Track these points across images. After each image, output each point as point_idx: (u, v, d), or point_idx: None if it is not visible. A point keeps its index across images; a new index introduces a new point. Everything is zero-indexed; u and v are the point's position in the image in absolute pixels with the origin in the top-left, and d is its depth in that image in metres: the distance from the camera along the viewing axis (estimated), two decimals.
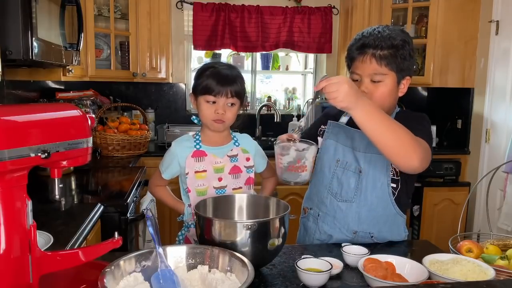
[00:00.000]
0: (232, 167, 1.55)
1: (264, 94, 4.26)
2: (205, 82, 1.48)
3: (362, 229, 1.50)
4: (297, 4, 3.72)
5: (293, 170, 1.36)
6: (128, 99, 3.55)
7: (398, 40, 1.40)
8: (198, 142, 1.55)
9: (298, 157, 1.36)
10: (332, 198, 1.53)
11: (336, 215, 1.52)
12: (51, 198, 1.88)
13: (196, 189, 1.52)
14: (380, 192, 1.47)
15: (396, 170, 1.47)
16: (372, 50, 1.40)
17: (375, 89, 1.42)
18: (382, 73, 1.41)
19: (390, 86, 1.43)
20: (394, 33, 1.41)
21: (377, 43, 1.39)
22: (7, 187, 0.83)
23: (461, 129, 3.52)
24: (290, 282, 1.17)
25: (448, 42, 3.30)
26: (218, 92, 1.47)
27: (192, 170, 1.51)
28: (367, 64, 1.41)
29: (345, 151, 1.52)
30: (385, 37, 1.39)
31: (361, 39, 1.43)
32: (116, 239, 1.00)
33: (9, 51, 1.61)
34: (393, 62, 1.40)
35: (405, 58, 1.42)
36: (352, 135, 1.51)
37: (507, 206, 2.76)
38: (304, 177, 1.38)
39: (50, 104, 2.31)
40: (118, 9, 3.34)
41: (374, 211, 1.48)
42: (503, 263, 1.22)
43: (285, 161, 1.36)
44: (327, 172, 1.55)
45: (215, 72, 1.49)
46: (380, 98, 1.42)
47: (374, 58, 1.40)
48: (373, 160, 1.46)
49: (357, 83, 1.45)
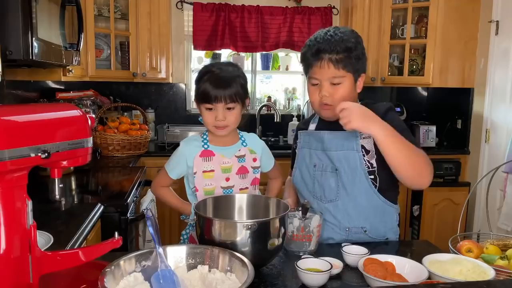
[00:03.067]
0: (239, 167, 1.55)
1: (264, 94, 4.26)
2: (202, 88, 1.47)
3: (354, 225, 1.52)
4: (297, 4, 3.72)
5: (298, 240, 1.37)
6: (128, 99, 3.56)
7: (351, 42, 1.44)
8: (206, 142, 1.55)
9: (301, 225, 1.36)
10: (318, 201, 1.56)
11: (326, 217, 1.54)
12: (51, 198, 1.88)
13: (204, 189, 1.52)
14: (360, 186, 1.49)
15: (370, 162, 1.49)
16: (328, 55, 1.43)
17: (335, 92, 1.46)
18: (341, 75, 1.45)
19: (348, 86, 1.47)
20: (345, 35, 1.45)
21: (332, 47, 1.43)
22: (7, 187, 0.83)
23: (461, 129, 3.52)
24: (290, 282, 1.17)
25: (448, 42, 3.30)
26: (215, 99, 1.45)
27: (200, 169, 1.51)
28: (325, 69, 1.45)
29: (318, 155, 1.56)
30: (338, 41, 1.43)
31: (315, 45, 1.46)
32: (116, 239, 1.00)
33: (9, 51, 1.61)
34: (349, 64, 1.44)
35: (359, 58, 1.47)
36: (321, 138, 1.54)
37: (507, 206, 2.76)
38: (310, 246, 1.38)
39: (50, 104, 2.31)
40: (118, 9, 3.34)
41: (360, 205, 1.51)
42: (503, 263, 1.22)
43: (289, 230, 1.35)
44: (308, 179, 1.58)
45: (211, 77, 1.47)
46: (341, 99, 1.45)
47: (331, 63, 1.43)
48: (345, 157, 1.49)
49: (317, 87, 1.49)
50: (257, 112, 3.85)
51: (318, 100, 1.49)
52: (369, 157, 1.49)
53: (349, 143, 1.49)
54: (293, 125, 3.77)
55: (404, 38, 3.47)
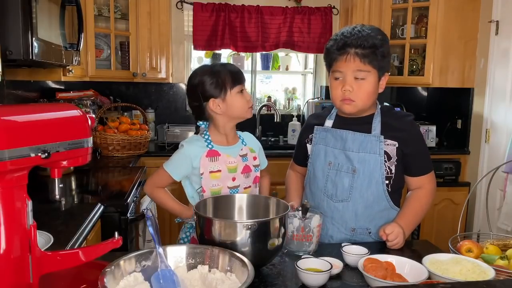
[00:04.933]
0: (244, 166, 1.56)
1: (264, 94, 4.26)
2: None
3: (360, 226, 1.53)
4: (297, 4, 3.72)
5: (298, 240, 1.37)
6: (128, 99, 3.56)
7: (378, 39, 1.46)
8: (210, 142, 1.54)
9: (301, 225, 1.36)
10: (328, 200, 1.56)
11: (333, 216, 1.54)
12: (51, 198, 1.88)
13: (211, 189, 1.51)
14: (375, 189, 1.51)
15: (390, 168, 1.51)
16: (354, 49, 1.44)
17: (358, 87, 1.47)
18: (365, 70, 1.46)
19: (372, 83, 1.48)
20: (373, 32, 1.47)
21: (359, 42, 1.44)
22: (7, 187, 0.83)
23: (461, 129, 3.52)
24: (290, 282, 1.17)
25: (448, 42, 3.30)
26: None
27: (207, 170, 1.50)
28: (350, 62, 1.45)
29: (335, 153, 1.55)
30: (365, 36, 1.44)
31: (342, 39, 1.47)
32: (116, 239, 0.99)
33: (9, 51, 1.61)
34: (374, 59, 1.45)
35: (385, 56, 1.48)
36: (343, 137, 1.54)
37: (507, 206, 2.76)
38: (310, 247, 1.38)
39: (50, 104, 2.31)
40: (118, 9, 3.34)
41: (370, 207, 1.52)
42: (503, 263, 1.22)
43: (289, 230, 1.35)
44: (321, 176, 1.58)
45: (224, 65, 1.54)
46: (364, 96, 1.47)
47: (357, 56, 1.44)
48: (367, 159, 1.50)
49: (340, 82, 1.49)
50: (257, 112, 3.85)
51: (340, 94, 1.49)
52: (390, 163, 1.52)
53: (373, 147, 1.50)
54: (293, 125, 3.77)
55: (404, 38, 3.47)
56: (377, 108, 1.57)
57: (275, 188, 3.25)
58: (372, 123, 1.53)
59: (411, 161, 1.53)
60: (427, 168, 1.56)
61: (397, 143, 1.51)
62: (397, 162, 1.52)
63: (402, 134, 1.52)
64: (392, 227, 1.42)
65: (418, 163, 1.55)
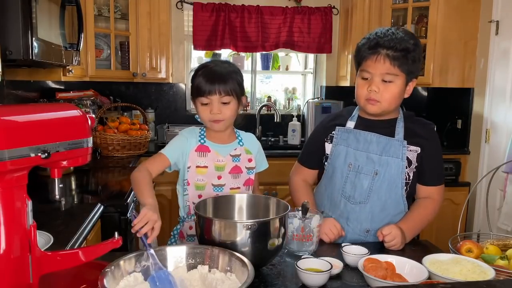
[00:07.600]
0: (233, 166, 1.54)
1: (264, 94, 4.26)
2: (197, 83, 1.47)
3: (374, 228, 1.53)
4: (297, 4, 3.72)
5: (298, 240, 1.37)
6: (128, 99, 3.55)
7: (411, 43, 1.44)
8: (203, 137, 1.54)
9: (301, 226, 1.36)
10: (345, 201, 1.56)
11: (349, 217, 1.55)
12: (51, 198, 1.88)
13: (195, 183, 1.51)
14: (394, 193, 1.52)
15: (409, 174, 1.52)
16: (386, 51, 1.43)
17: (385, 89, 1.46)
18: (394, 73, 1.44)
19: (399, 87, 1.47)
20: (407, 36, 1.45)
21: (391, 44, 1.43)
22: (7, 187, 0.83)
23: (461, 129, 3.52)
24: (290, 282, 1.17)
25: (448, 42, 3.30)
26: (210, 92, 1.44)
27: (194, 164, 1.51)
28: (380, 63, 1.44)
29: (356, 155, 1.55)
30: (399, 39, 1.43)
31: (375, 38, 1.46)
32: (116, 239, 1.00)
33: (9, 51, 1.61)
34: (404, 63, 1.44)
35: (415, 61, 1.46)
36: (368, 139, 1.54)
37: (507, 206, 2.76)
38: (310, 246, 1.38)
39: (50, 104, 2.31)
40: (118, 9, 3.34)
41: (386, 210, 1.53)
42: (503, 263, 1.22)
43: (289, 230, 1.35)
44: (339, 177, 1.57)
45: (206, 72, 1.47)
46: (390, 98, 1.47)
47: (388, 58, 1.43)
48: (389, 163, 1.51)
49: (367, 81, 1.48)
50: (257, 112, 3.85)
51: (365, 94, 1.49)
52: (409, 169, 1.52)
53: (396, 151, 1.51)
54: (293, 125, 3.77)
55: None
56: (400, 113, 1.58)
57: (275, 188, 3.26)
58: (396, 127, 1.54)
59: (427, 169, 1.54)
60: (439, 179, 1.58)
61: (419, 149, 1.52)
62: (416, 169, 1.53)
63: (425, 142, 1.53)
64: (389, 228, 1.43)
65: (433, 173, 1.56)
